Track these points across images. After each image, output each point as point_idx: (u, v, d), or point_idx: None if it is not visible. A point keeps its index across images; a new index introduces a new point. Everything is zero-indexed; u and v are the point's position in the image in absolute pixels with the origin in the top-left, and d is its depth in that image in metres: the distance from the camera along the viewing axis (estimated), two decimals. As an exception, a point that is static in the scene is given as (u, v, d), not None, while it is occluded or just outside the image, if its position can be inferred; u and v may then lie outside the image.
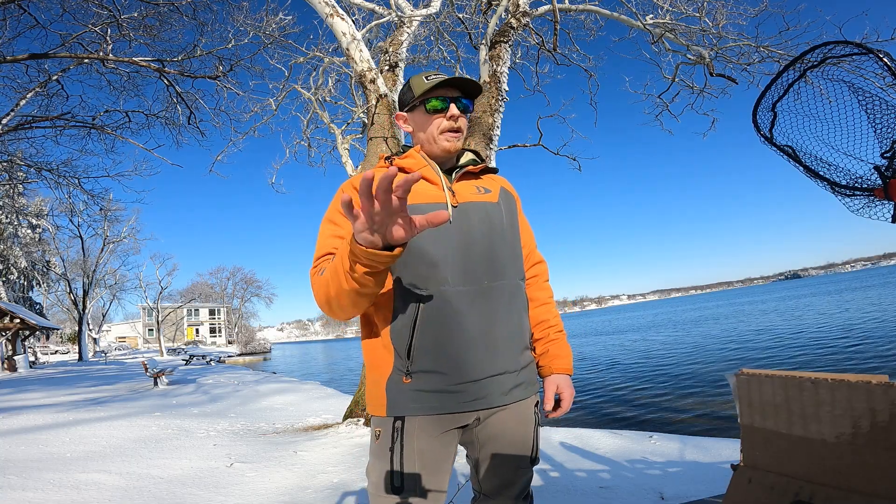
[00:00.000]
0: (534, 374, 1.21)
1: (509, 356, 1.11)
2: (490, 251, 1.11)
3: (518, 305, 1.15)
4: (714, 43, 6.61)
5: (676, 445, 3.87)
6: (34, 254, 30.05)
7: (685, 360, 12.37)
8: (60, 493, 3.13)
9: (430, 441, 1.06)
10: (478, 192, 1.18)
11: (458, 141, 1.16)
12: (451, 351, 1.05)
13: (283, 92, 8.33)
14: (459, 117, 1.15)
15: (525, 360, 1.16)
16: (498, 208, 1.18)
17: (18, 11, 8.44)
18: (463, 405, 1.06)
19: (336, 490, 3.16)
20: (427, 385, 1.06)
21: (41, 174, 12.42)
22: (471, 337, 1.06)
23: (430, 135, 1.15)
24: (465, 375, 1.06)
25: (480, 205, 1.15)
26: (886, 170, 1.06)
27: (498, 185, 1.25)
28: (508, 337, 1.11)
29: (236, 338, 53.33)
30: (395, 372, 1.08)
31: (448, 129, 1.14)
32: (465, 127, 1.18)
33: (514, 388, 1.12)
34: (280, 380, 14.22)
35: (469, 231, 1.11)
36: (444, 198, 1.11)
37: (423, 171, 1.14)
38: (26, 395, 9.87)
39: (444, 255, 1.07)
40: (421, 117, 1.17)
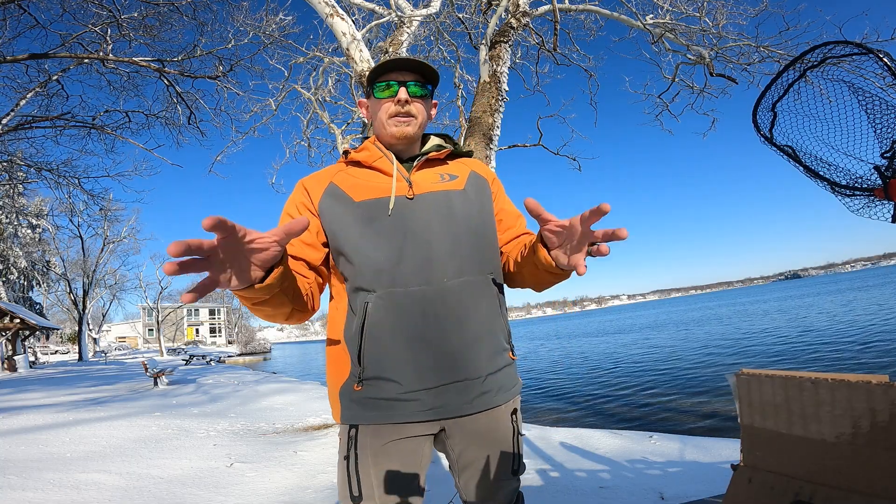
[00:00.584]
0: (509, 380, 1.08)
1: (472, 361, 1.00)
2: (451, 244, 1.02)
3: (485, 303, 1.03)
4: (714, 43, 6.61)
5: (676, 445, 3.87)
6: (34, 254, 30.05)
7: (687, 361, 12.37)
8: (60, 493, 3.13)
9: (387, 449, 0.99)
10: (440, 179, 1.09)
11: (409, 126, 1.07)
12: (402, 357, 0.97)
13: (283, 92, 8.33)
14: (409, 101, 1.05)
15: (494, 365, 1.04)
16: (464, 196, 1.08)
17: (18, 11, 8.44)
18: (418, 414, 0.98)
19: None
20: (378, 393, 0.99)
21: (41, 174, 12.42)
22: (423, 342, 0.97)
23: (380, 121, 1.08)
24: (418, 383, 0.97)
25: (442, 194, 1.06)
26: (886, 170, 1.06)
27: (467, 170, 1.15)
28: (471, 340, 1.00)
29: (236, 338, 53.31)
30: (350, 378, 1.02)
31: (395, 113, 1.06)
32: (419, 112, 1.08)
33: (479, 396, 1.01)
34: (280, 380, 14.22)
35: (426, 224, 1.02)
36: (394, 190, 1.04)
37: (378, 162, 1.08)
38: (26, 395, 9.87)
39: (393, 255, 0.99)
40: (373, 103, 1.10)
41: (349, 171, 1.10)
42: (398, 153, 1.11)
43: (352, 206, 1.03)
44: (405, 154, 1.12)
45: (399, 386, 0.98)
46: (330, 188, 1.07)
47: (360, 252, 1.00)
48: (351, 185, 1.07)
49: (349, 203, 1.04)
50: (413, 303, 0.97)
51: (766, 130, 1.35)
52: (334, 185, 1.07)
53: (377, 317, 0.98)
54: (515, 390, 1.10)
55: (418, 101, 1.07)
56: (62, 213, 25.90)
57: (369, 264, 1.00)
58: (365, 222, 1.01)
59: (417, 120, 1.08)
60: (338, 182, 1.08)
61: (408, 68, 1.06)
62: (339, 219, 1.03)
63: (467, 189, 1.10)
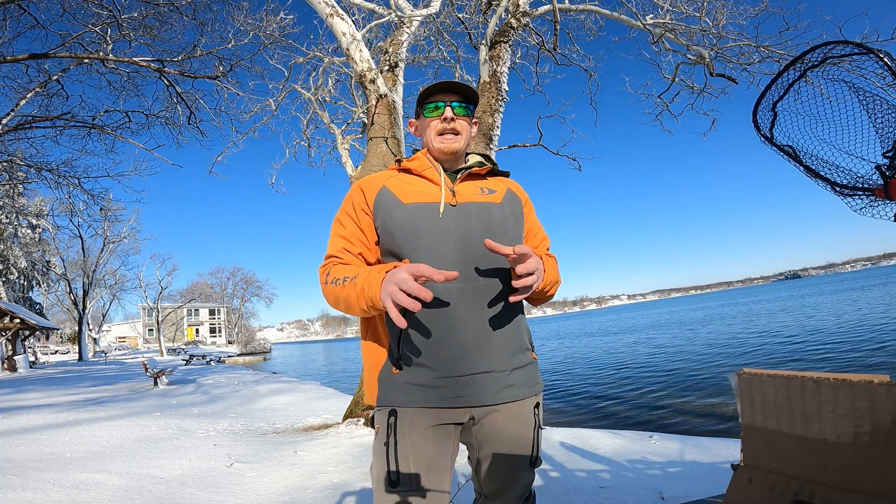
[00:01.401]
0: (532, 377, 1.19)
1: (499, 356, 1.11)
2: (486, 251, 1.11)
3: (513, 305, 1.14)
4: (714, 43, 6.61)
5: (676, 445, 3.87)
6: (34, 254, 30.05)
7: (687, 361, 12.38)
8: (60, 493, 3.13)
9: (423, 435, 1.08)
10: (481, 192, 1.21)
11: (455, 142, 1.20)
12: (438, 346, 1.07)
13: (283, 92, 8.33)
14: (454, 119, 1.19)
15: (519, 361, 1.15)
16: (500, 209, 1.20)
17: (18, 11, 8.44)
18: (449, 400, 1.08)
19: (336, 490, 3.15)
20: (415, 378, 1.09)
21: (41, 174, 12.42)
22: (459, 333, 1.08)
23: (429, 137, 1.22)
24: (451, 370, 1.07)
25: (482, 205, 1.18)
26: (888, 169, 1.06)
27: (505, 187, 1.27)
28: (500, 336, 1.11)
29: (236, 338, 53.34)
30: (388, 363, 1.14)
31: (442, 130, 1.20)
32: (463, 129, 1.21)
33: (505, 388, 1.11)
34: (280, 380, 14.23)
35: (467, 230, 1.13)
36: (443, 197, 1.16)
37: (427, 171, 1.21)
38: (26, 395, 9.87)
39: (440, 252, 1.10)
40: (422, 122, 1.24)
41: (400, 178, 1.23)
42: (444, 166, 1.24)
43: (400, 208, 1.15)
44: (450, 167, 1.25)
45: (433, 372, 1.07)
46: (383, 190, 1.20)
47: (407, 248, 1.11)
48: (401, 189, 1.19)
49: (398, 204, 1.16)
50: (451, 297, 1.08)
51: (766, 130, 1.35)
52: (387, 189, 1.20)
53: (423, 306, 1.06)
54: (538, 387, 1.20)
55: (462, 119, 1.21)
56: (62, 213, 25.96)
57: (414, 259, 1.09)
58: (412, 222, 1.13)
59: (462, 136, 1.21)
60: (390, 186, 1.20)
61: (452, 90, 1.20)
62: (390, 218, 1.15)
63: (504, 203, 1.22)
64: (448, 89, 1.20)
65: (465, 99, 1.22)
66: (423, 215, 1.14)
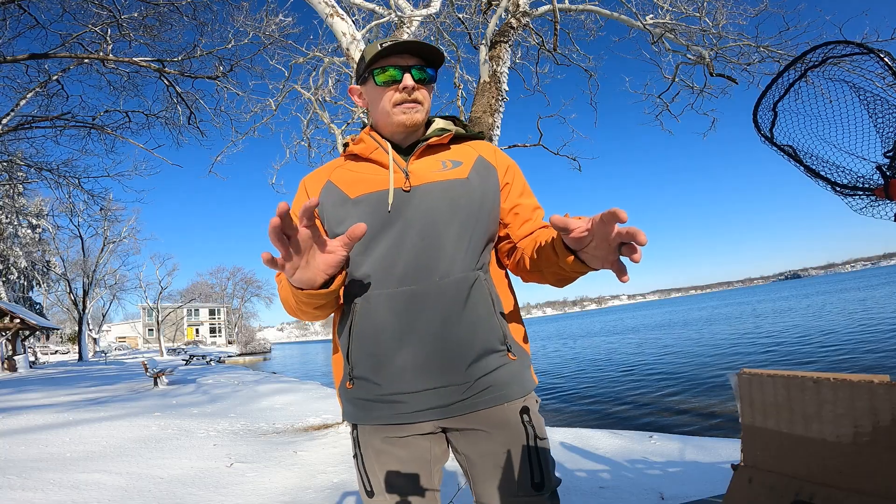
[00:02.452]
0: (509, 379, 0.96)
1: (456, 366, 0.92)
2: (447, 240, 0.95)
3: (475, 302, 0.94)
4: (714, 43, 6.61)
5: (676, 445, 3.87)
6: (34, 254, 30.05)
7: (687, 361, 12.38)
8: (60, 493, 3.13)
9: (388, 446, 0.96)
10: (442, 167, 1.01)
11: (417, 113, 0.99)
12: (380, 359, 0.94)
13: (283, 92, 8.33)
14: (415, 88, 0.98)
15: (484, 367, 0.94)
16: (466, 185, 0.99)
17: (18, 11, 8.44)
18: (402, 416, 0.94)
19: (336, 490, 3.15)
20: (364, 393, 0.97)
21: (41, 174, 12.42)
22: (407, 344, 0.92)
23: (384, 110, 1.00)
24: (399, 386, 0.93)
25: (441, 185, 0.98)
26: (888, 168, 1.06)
27: (475, 155, 1.05)
28: (457, 343, 0.92)
29: (236, 338, 53.34)
30: (344, 377, 1.01)
31: (400, 101, 0.98)
32: (425, 98, 1.01)
33: (471, 397, 0.93)
34: (280, 380, 14.22)
35: (422, 219, 0.95)
36: (392, 182, 0.97)
37: (374, 153, 1.02)
38: (26, 395, 9.87)
39: (385, 254, 0.95)
40: (372, 91, 1.01)
41: (347, 166, 1.06)
42: (398, 142, 1.03)
43: (348, 204, 0.99)
44: (406, 142, 1.04)
45: (378, 387, 0.94)
46: (327, 186, 1.03)
47: (356, 253, 0.96)
48: (348, 180, 1.02)
49: (345, 200, 0.99)
50: (401, 303, 0.93)
51: (766, 130, 1.35)
52: (331, 183, 1.03)
53: (364, 318, 0.95)
54: (520, 389, 0.98)
55: (423, 88, 1.00)
56: (62, 213, 25.92)
57: (361, 265, 0.96)
58: (361, 220, 0.95)
59: (424, 106, 1.01)
60: (335, 179, 1.04)
61: (410, 51, 0.97)
62: (337, 218, 0.99)
63: (471, 177, 1.00)
64: (405, 50, 0.97)
65: (427, 62, 1.00)
66: (373, 208, 0.96)
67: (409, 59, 0.98)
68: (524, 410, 0.98)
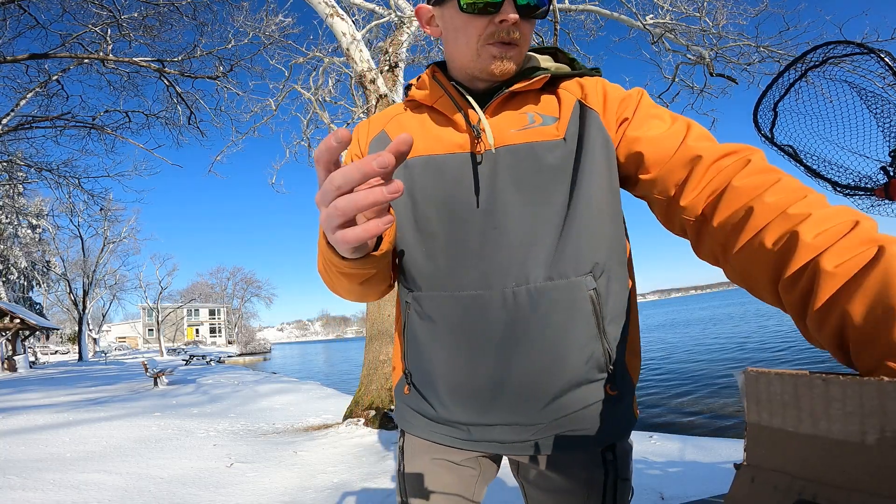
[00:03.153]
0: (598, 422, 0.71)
1: (531, 402, 0.69)
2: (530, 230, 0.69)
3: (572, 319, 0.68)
4: (714, 43, 6.61)
5: (676, 445, 3.87)
6: (34, 254, 30.06)
7: (688, 360, 12.38)
8: (60, 493, 3.13)
9: (434, 467, 0.82)
10: (529, 123, 0.72)
11: (512, 61, 0.71)
12: (433, 379, 0.75)
13: (283, 92, 8.34)
14: (518, 24, 0.68)
15: (565, 407, 0.70)
16: (563, 148, 0.70)
17: (18, 11, 8.45)
18: (457, 441, 0.77)
19: (336, 490, 3.15)
20: (418, 405, 0.80)
21: (41, 174, 12.43)
22: (468, 364, 0.71)
23: (467, 45, 0.71)
24: (451, 413, 0.75)
25: (525, 149, 0.70)
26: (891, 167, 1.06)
27: (572, 102, 0.73)
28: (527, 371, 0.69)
29: (236, 338, 53.35)
30: (402, 377, 0.83)
31: (497, 40, 0.69)
32: (525, 38, 0.71)
33: (543, 440, 0.72)
34: (280, 380, 14.22)
35: (497, 198, 0.70)
36: (463, 145, 0.73)
37: (439, 102, 0.77)
38: (26, 395, 9.86)
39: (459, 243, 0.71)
40: (453, 17, 0.71)
41: (407, 116, 0.81)
42: (473, 86, 0.76)
43: (401, 168, 0.75)
44: (485, 86, 0.76)
45: (431, 409, 0.78)
46: (379, 138, 0.81)
47: (404, 235, 0.75)
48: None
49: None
50: (458, 312, 0.71)
51: (767, 130, 1.35)
52: (385, 135, 0.81)
53: (414, 322, 0.76)
54: (611, 434, 0.73)
55: (526, 23, 0.70)
56: (62, 213, 25.93)
57: (410, 253, 0.75)
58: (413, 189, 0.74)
59: (522, 49, 0.72)
60: (390, 130, 0.81)
61: None
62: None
63: (569, 137, 0.70)
64: None
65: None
66: (434, 179, 0.73)
67: None
68: (609, 448, 0.75)
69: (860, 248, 0.42)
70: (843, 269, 0.41)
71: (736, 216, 0.54)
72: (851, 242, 0.43)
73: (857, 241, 0.43)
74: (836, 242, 0.44)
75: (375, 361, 5.56)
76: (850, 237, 0.43)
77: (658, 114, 0.69)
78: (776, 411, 0.30)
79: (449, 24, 0.73)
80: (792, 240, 0.47)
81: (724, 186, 0.57)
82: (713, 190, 0.59)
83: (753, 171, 0.56)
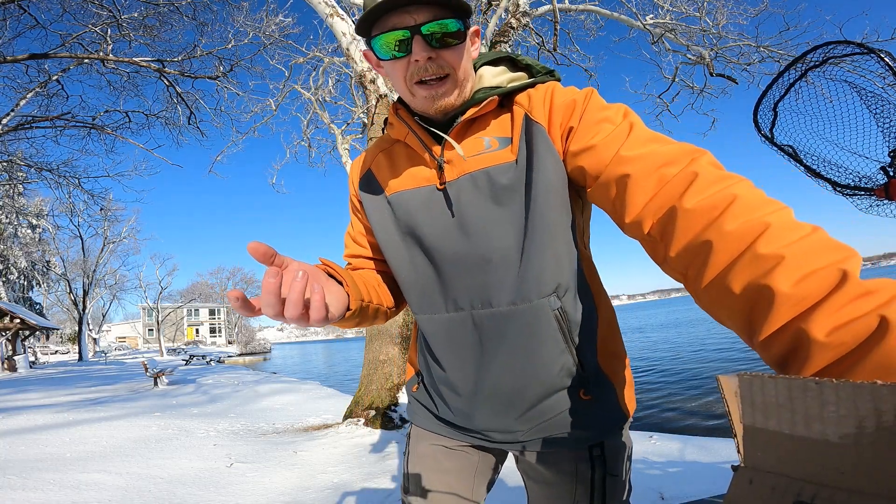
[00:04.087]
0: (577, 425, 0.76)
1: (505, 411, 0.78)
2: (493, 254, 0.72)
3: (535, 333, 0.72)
4: (714, 43, 6.61)
5: (676, 445, 3.87)
6: (34, 254, 30.06)
7: (688, 360, 12.38)
8: (60, 493, 3.13)
9: (434, 452, 0.90)
10: (485, 148, 0.73)
11: (445, 96, 0.70)
12: (435, 382, 0.87)
13: (283, 92, 8.34)
14: (432, 59, 0.67)
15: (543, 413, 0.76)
16: (513, 172, 0.70)
17: (18, 11, 8.45)
18: (460, 435, 0.87)
19: (336, 490, 3.15)
20: (425, 401, 0.91)
21: (41, 174, 12.44)
22: (445, 376, 0.82)
23: (402, 89, 0.72)
24: (447, 415, 0.86)
25: (481, 175, 0.72)
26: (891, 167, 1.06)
27: (519, 121, 0.72)
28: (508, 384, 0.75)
29: (236, 338, 53.36)
30: (414, 376, 0.94)
31: (418, 79, 0.69)
32: (454, 64, 0.69)
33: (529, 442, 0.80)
34: (280, 380, 14.22)
35: (457, 227, 0.73)
36: (430, 178, 0.76)
37: (407, 138, 0.79)
38: (26, 395, 9.87)
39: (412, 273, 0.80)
40: (382, 63, 0.72)
41: (391, 151, 0.84)
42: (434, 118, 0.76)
43: (383, 204, 0.81)
44: (444, 117, 0.76)
45: (434, 407, 0.89)
46: (366, 178, 0.85)
47: (395, 267, 0.82)
48: (386, 171, 0.82)
49: (381, 199, 0.81)
50: (445, 330, 0.79)
51: (766, 130, 1.35)
52: (371, 174, 0.84)
53: (422, 334, 0.87)
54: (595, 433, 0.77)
55: (448, 50, 0.68)
56: (62, 213, 25.94)
57: (404, 282, 0.82)
58: (391, 229, 0.81)
59: (456, 75, 0.70)
60: (375, 168, 0.84)
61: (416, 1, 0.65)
62: (375, 219, 0.82)
63: (520, 158, 0.71)
64: (408, 1, 0.64)
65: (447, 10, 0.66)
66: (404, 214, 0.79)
67: (420, 13, 0.65)
68: (597, 446, 0.79)
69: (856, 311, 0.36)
70: (837, 339, 0.35)
71: (693, 247, 0.48)
72: (843, 301, 0.36)
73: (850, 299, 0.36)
74: (826, 301, 0.37)
75: (375, 361, 5.56)
76: (841, 294, 0.37)
77: (606, 117, 0.66)
78: (771, 413, 0.30)
79: (387, 69, 0.73)
80: (766, 292, 0.40)
81: (671, 205, 0.52)
82: (659, 206, 0.54)
83: (704, 186, 0.51)
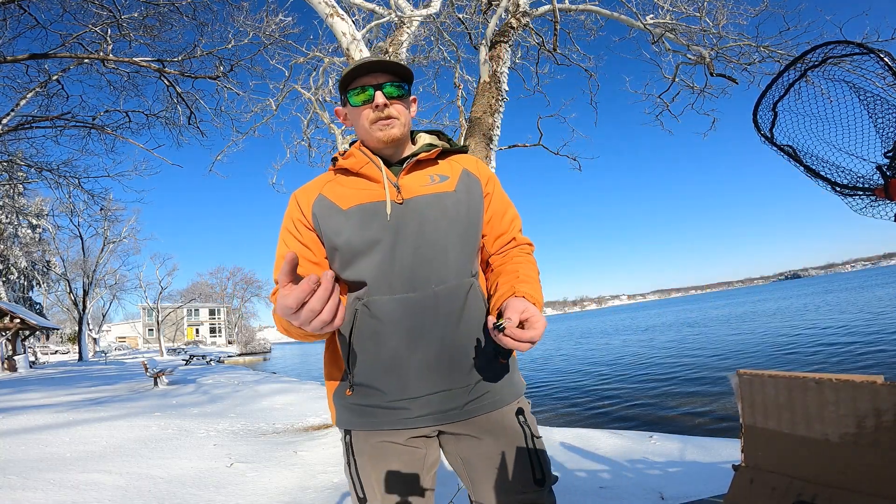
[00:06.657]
0: (505, 383, 1.05)
1: (457, 371, 0.99)
2: (440, 250, 1.00)
3: (471, 307, 1.01)
4: (714, 43, 6.60)
5: (676, 445, 3.87)
6: (34, 254, 30.05)
7: (688, 360, 12.37)
8: (60, 493, 3.13)
9: (383, 451, 1.00)
10: (430, 181, 1.06)
11: (394, 129, 1.03)
12: (387, 365, 0.98)
13: (283, 92, 8.33)
14: (388, 105, 1.02)
15: (483, 372, 1.02)
16: (454, 198, 1.05)
17: (18, 11, 8.44)
18: (405, 422, 0.99)
19: (336, 490, 3.15)
20: (365, 400, 1.01)
21: (41, 174, 12.42)
22: (408, 350, 0.97)
23: (362, 128, 1.05)
24: (401, 392, 0.98)
25: (431, 197, 1.03)
26: (888, 168, 1.06)
27: (459, 169, 1.11)
28: (456, 348, 0.99)
29: (236, 338, 53.33)
30: (342, 383, 1.05)
31: (376, 119, 1.02)
32: (400, 113, 1.04)
33: (469, 403, 1.00)
34: (280, 380, 14.22)
35: (415, 230, 1.00)
36: (385, 195, 1.02)
37: (365, 168, 1.05)
38: (26, 395, 9.86)
39: (381, 261, 0.99)
40: (351, 111, 1.07)
41: (338, 180, 1.09)
42: (386, 158, 1.08)
43: (341, 215, 1.03)
44: (394, 158, 1.08)
45: (383, 395, 0.99)
46: (319, 200, 1.07)
47: (352, 260, 1.01)
48: (339, 194, 1.06)
49: (337, 212, 1.03)
50: (400, 310, 0.97)
51: (766, 130, 1.35)
52: (323, 196, 1.07)
53: (364, 323, 0.99)
54: (514, 392, 1.06)
55: (397, 102, 1.04)
56: (62, 213, 25.92)
57: (359, 272, 1.00)
58: (354, 230, 1.00)
59: (401, 120, 1.04)
60: (326, 192, 1.07)
61: (379, 69, 1.02)
62: (331, 229, 1.03)
63: (458, 190, 1.06)
64: (375, 69, 1.01)
65: (398, 77, 1.04)
66: (366, 219, 1.01)
67: (381, 77, 1.02)
68: (519, 412, 1.05)
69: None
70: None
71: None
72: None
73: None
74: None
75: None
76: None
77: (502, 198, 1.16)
78: (771, 413, 0.30)
79: (351, 116, 1.08)
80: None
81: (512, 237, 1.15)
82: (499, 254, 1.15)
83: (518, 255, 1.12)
